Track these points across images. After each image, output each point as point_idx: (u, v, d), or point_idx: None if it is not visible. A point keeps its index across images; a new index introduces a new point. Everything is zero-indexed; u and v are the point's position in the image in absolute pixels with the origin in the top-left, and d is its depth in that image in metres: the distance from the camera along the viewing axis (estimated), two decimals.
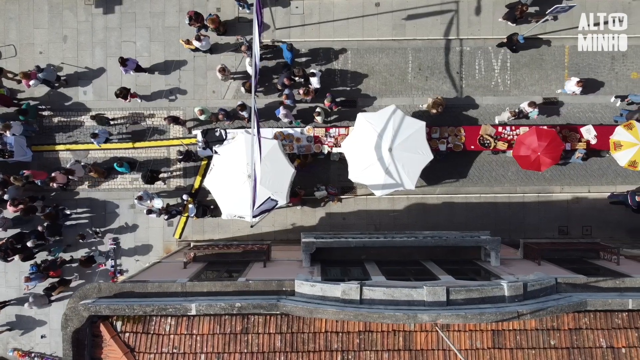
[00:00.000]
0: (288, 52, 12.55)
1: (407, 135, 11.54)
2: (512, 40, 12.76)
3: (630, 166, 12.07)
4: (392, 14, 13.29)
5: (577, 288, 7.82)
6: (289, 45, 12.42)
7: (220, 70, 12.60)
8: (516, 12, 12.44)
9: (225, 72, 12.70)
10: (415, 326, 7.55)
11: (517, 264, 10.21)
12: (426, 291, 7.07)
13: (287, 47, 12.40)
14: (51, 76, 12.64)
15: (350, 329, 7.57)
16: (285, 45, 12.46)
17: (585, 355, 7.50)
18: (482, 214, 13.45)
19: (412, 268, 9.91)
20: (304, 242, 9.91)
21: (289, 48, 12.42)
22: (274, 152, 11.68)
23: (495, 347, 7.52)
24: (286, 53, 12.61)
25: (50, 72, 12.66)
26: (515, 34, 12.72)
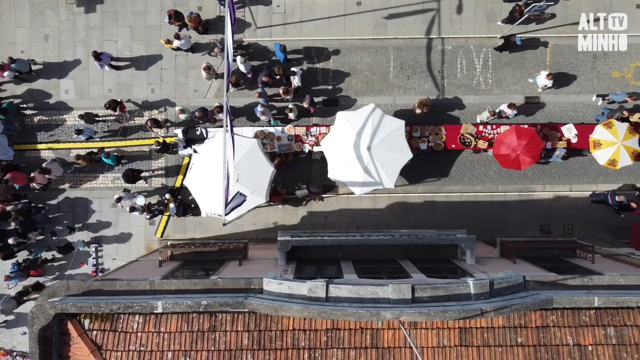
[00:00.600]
0: (281, 53, 12.56)
1: (386, 134, 11.56)
2: (509, 42, 12.76)
3: (610, 165, 12.09)
4: (374, 12, 13.30)
5: (545, 286, 7.83)
6: (282, 46, 12.40)
7: (205, 69, 12.59)
8: (515, 14, 12.47)
9: (210, 71, 12.69)
10: (383, 324, 7.56)
11: (493, 262, 10.21)
12: (391, 289, 7.08)
13: (280, 47, 12.38)
14: (24, 67, 12.61)
15: (317, 326, 7.57)
16: (279, 45, 12.44)
17: (552, 352, 7.50)
18: (464, 212, 13.45)
19: (387, 266, 9.91)
20: (280, 240, 9.92)
21: (282, 49, 12.40)
22: (253, 150, 11.67)
23: (463, 344, 7.53)
24: (279, 53, 12.62)
25: (22, 64, 12.61)
26: (513, 36, 12.73)
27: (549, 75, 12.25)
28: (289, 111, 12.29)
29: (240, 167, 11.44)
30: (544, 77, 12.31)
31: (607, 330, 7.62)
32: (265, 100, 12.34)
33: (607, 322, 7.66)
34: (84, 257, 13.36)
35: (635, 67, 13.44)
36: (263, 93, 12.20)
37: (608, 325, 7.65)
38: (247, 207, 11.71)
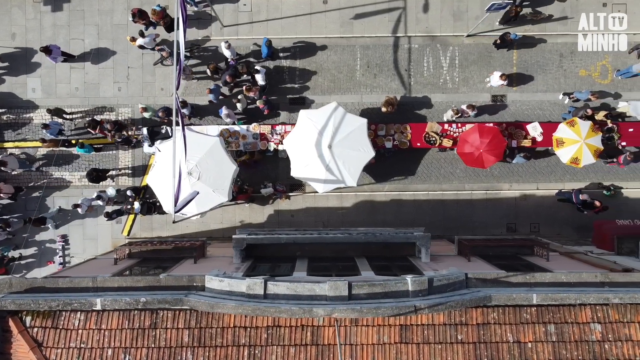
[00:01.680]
0: (266, 48, 12.56)
1: (348, 132, 11.56)
2: (506, 40, 12.75)
3: (573, 163, 12.10)
4: (340, 11, 13.31)
5: (488, 283, 7.84)
6: (267, 41, 12.40)
7: None
8: (510, 14, 12.48)
9: (185, 70, 12.63)
10: (324, 321, 7.57)
11: (449, 260, 10.22)
12: (328, 286, 7.09)
13: (266, 42, 12.40)
14: None
15: (258, 324, 7.58)
16: (265, 40, 12.45)
17: (491, 349, 7.52)
18: (430, 211, 13.47)
19: (342, 264, 9.91)
20: (234, 238, 9.94)
21: (267, 44, 12.40)
22: (215, 149, 11.65)
23: (403, 341, 7.54)
24: (264, 49, 12.62)
25: None
26: (507, 34, 12.71)
27: (502, 75, 12.24)
28: (237, 101, 12.29)
29: (201, 165, 11.45)
30: (497, 77, 12.31)
31: (547, 327, 7.64)
32: (215, 97, 12.32)
33: (548, 320, 7.68)
34: (50, 255, 13.37)
35: (602, 65, 13.45)
36: (214, 90, 12.20)
37: (549, 322, 7.66)
38: (210, 205, 11.76)
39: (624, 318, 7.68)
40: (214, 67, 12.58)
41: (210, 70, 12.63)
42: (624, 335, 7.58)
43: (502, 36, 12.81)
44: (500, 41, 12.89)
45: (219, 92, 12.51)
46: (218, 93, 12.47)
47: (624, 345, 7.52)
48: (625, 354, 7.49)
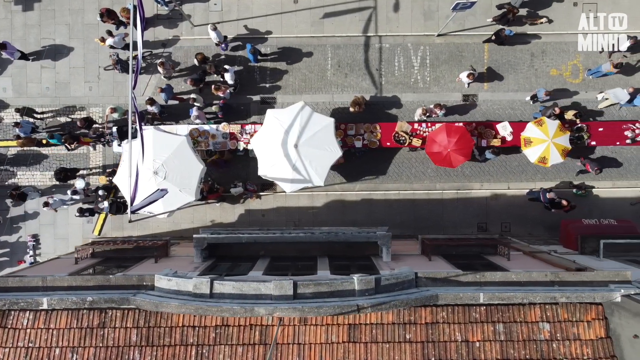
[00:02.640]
0: (251, 55, 12.50)
1: (314, 132, 11.57)
2: (500, 36, 12.72)
3: (540, 162, 12.11)
4: (311, 11, 13.31)
5: (437, 282, 7.83)
6: (252, 48, 12.35)
7: (160, 65, 12.55)
8: (508, 15, 12.48)
9: (165, 66, 12.64)
10: (273, 320, 7.58)
11: (410, 259, 10.23)
12: (273, 285, 7.09)
13: (250, 49, 12.34)
14: None
15: (207, 323, 7.58)
16: (249, 47, 12.40)
17: (439, 349, 7.52)
18: (401, 210, 13.47)
19: (302, 264, 9.91)
20: (195, 237, 9.95)
21: (252, 51, 12.35)
22: (182, 148, 11.68)
23: (351, 341, 7.54)
24: (250, 56, 12.56)
25: None
26: (502, 30, 12.68)
27: (470, 74, 12.24)
28: (193, 101, 12.29)
29: (168, 164, 11.47)
30: (465, 75, 12.32)
31: (496, 326, 7.64)
32: (166, 96, 12.28)
33: (497, 319, 7.68)
34: (22, 254, 13.37)
35: (573, 65, 13.46)
36: (166, 89, 12.30)
37: (498, 321, 7.66)
38: (177, 204, 11.77)
39: (573, 317, 7.68)
40: (202, 57, 12.52)
41: (198, 61, 12.57)
42: (572, 334, 7.58)
43: (496, 32, 12.77)
44: (495, 37, 12.85)
45: (171, 92, 12.50)
46: (170, 93, 12.47)
47: (571, 344, 7.52)
48: (573, 353, 7.50)
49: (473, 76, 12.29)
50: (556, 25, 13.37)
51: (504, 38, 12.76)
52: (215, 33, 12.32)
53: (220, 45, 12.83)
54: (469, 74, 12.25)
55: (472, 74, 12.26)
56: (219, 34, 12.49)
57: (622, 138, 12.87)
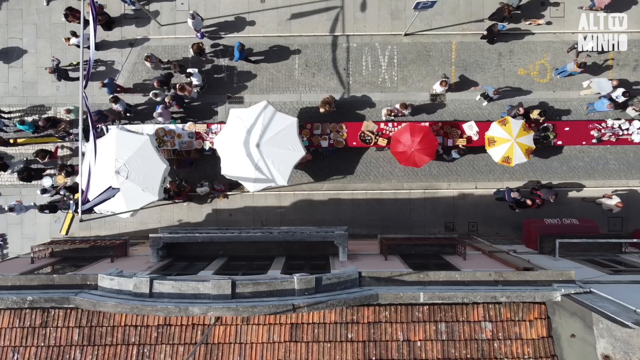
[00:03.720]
0: (238, 52, 12.42)
1: (277, 131, 11.56)
2: (492, 32, 12.69)
3: (504, 162, 12.11)
4: (277, 10, 13.30)
5: (381, 281, 7.83)
6: (240, 45, 12.31)
7: (147, 59, 12.46)
8: (504, 13, 12.43)
9: (151, 59, 12.56)
10: (216, 320, 7.58)
11: (367, 258, 10.24)
12: (211, 285, 7.09)
13: (238, 46, 12.29)
14: None
15: (149, 322, 7.59)
16: (238, 45, 12.37)
17: (380, 348, 7.52)
18: (368, 210, 13.47)
19: (257, 263, 9.92)
20: (151, 237, 9.94)
21: (239, 48, 12.30)
22: (145, 147, 11.66)
23: (292, 340, 7.55)
24: (236, 53, 12.48)
25: None
26: (495, 25, 12.62)
27: (443, 82, 12.24)
28: (155, 96, 12.28)
29: (130, 164, 11.46)
30: (439, 84, 12.31)
31: (438, 326, 7.65)
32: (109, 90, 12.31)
33: (439, 318, 7.69)
34: None
35: (541, 64, 13.46)
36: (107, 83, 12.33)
37: (440, 321, 7.67)
38: (140, 204, 11.77)
39: (516, 317, 7.69)
40: (198, 47, 12.49)
41: (194, 51, 12.58)
42: (514, 333, 7.59)
43: (489, 28, 12.75)
44: (488, 33, 12.82)
45: (113, 86, 12.46)
46: (113, 87, 12.44)
47: (513, 343, 7.53)
48: (514, 352, 7.50)
49: (446, 83, 12.29)
50: (523, 24, 13.36)
51: (497, 33, 12.72)
52: (194, 21, 12.31)
53: (197, 33, 12.77)
54: (441, 82, 12.25)
55: (444, 81, 12.26)
56: (198, 21, 12.47)
57: (589, 138, 12.87)
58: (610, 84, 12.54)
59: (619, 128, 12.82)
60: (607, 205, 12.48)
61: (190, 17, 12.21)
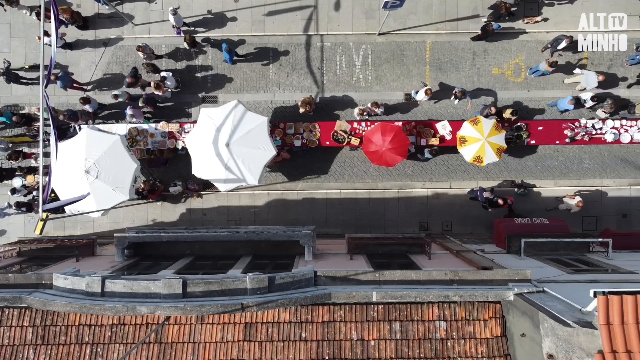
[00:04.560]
0: (227, 54, 12.41)
1: (247, 131, 11.55)
2: (487, 31, 12.65)
3: (476, 161, 12.10)
4: (251, 9, 13.30)
5: (337, 281, 7.82)
6: (227, 47, 12.28)
7: (140, 49, 12.43)
8: (501, 11, 12.37)
9: (145, 50, 12.54)
10: (170, 319, 7.58)
11: (332, 258, 10.22)
12: (162, 284, 7.09)
13: (225, 47, 12.26)
14: None
15: (104, 322, 7.60)
16: (225, 45, 12.35)
17: (333, 347, 7.52)
18: (342, 209, 13.47)
19: (223, 262, 9.91)
20: (116, 236, 9.93)
21: (227, 49, 12.27)
22: (116, 147, 11.66)
23: (246, 339, 7.55)
24: (226, 55, 12.46)
25: None
26: (490, 24, 12.60)
27: (427, 90, 12.21)
28: (115, 98, 12.29)
29: (100, 163, 11.46)
30: (423, 93, 12.29)
31: (392, 325, 7.65)
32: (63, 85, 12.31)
33: (394, 317, 7.69)
34: None
35: (515, 63, 13.45)
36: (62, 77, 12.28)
37: (395, 320, 7.67)
38: (110, 203, 11.76)
39: (470, 316, 7.69)
40: (190, 37, 12.46)
41: (187, 43, 12.58)
42: (468, 333, 7.59)
43: (483, 27, 12.70)
44: (482, 32, 12.78)
45: (67, 80, 12.43)
46: (67, 80, 12.40)
47: (467, 343, 7.53)
48: (467, 351, 7.50)
49: (430, 91, 12.25)
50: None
51: (491, 32, 12.67)
52: (175, 17, 12.30)
53: (176, 29, 12.78)
54: (426, 91, 12.22)
55: (429, 90, 12.22)
56: (179, 17, 12.47)
57: (562, 137, 12.86)
58: (597, 80, 12.47)
59: (593, 127, 12.81)
60: (568, 204, 12.48)
61: (171, 12, 12.19)
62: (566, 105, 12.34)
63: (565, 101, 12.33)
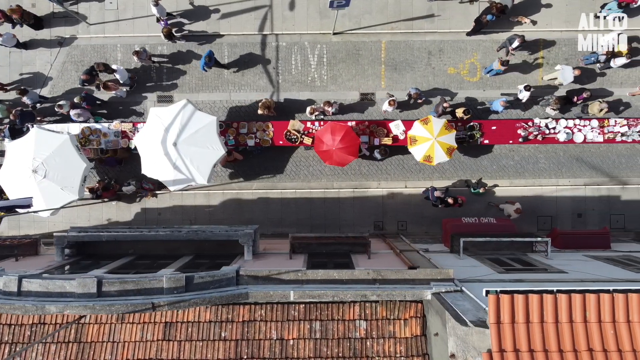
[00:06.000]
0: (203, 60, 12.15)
1: (195, 130, 11.55)
2: (481, 23, 12.57)
3: (426, 161, 12.09)
4: (206, 9, 13.27)
5: (259, 280, 7.83)
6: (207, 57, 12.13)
7: (135, 54, 12.39)
8: (492, 11, 12.26)
9: (140, 55, 12.48)
10: (90, 318, 7.59)
11: (274, 257, 10.21)
12: (76, 283, 7.09)
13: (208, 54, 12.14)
14: None
15: (24, 321, 7.62)
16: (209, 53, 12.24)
17: (252, 347, 7.53)
18: (297, 209, 13.47)
19: (162, 262, 9.90)
20: (55, 236, 9.94)
21: (207, 59, 12.13)
22: (65, 147, 11.66)
23: (165, 339, 7.57)
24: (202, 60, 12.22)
25: None
26: (483, 15, 12.48)
27: (391, 101, 12.19)
28: (59, 108, 12.29)
29: (48, 163, 11.47)
30: (387, 104, 12.28)
31: (313, 324, 7.66)
32: None
33: (314, 317, 7.71)
34: None
35: (471, 63, 13.44)
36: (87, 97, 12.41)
37: (315, 319, 7.69)
38: (59, 203, 11.76)
39: (392, 315, 7.70)
40: (168, 30, 12.40)
41: (164, 35, 12.47)
42: (387, 332, 7.61)
43: (477, 19, 12.64)
44: (475, 24, 12.71)
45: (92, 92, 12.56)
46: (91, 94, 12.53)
47: (386, 342, 7.55)
48: (386, 351, 7.51)
49: (394, 102, 12.23)
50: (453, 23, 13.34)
51: (485, 23, 12.57)
52: (157, 8, 12.27)
53: (160, 21, 12.75)
54: (389, 102, 12.19)
55: (393, 100, 12.20)
56: (161, 9, 12.43)
57: (516, 137, 12.85)
58: (572, 75, 12.45)
59: (546, 127, 12.80)
60: (507, 210, 12.48)
61: (153, 3, 12.14)
62: (498, 107, 12.34)
63: (497, 102, 12.33)
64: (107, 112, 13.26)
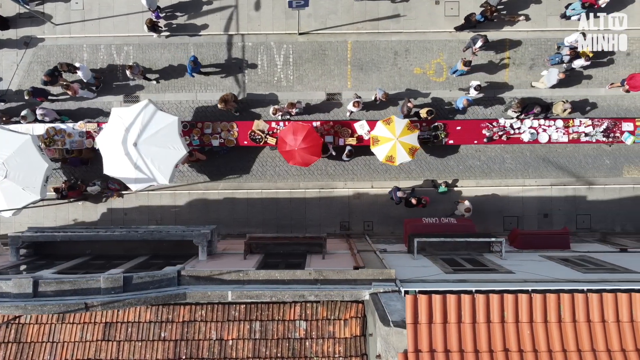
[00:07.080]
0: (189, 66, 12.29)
1: (156, 130, 11.54)
2: (470, 21, 12.58)
3: (388, 161, 12.09)
4: (173, 7, 13.28)
5: (201, 280, 7.84)
6: (192, 62, 12.23)
7: (128, 68, 12.31)
8: (486, 13, 12.28)
9: (133, 70, 12.42)
10: (31, 318, 7.59)
11: (229, 257, 10.22)
12: (12, 283, 7.10)
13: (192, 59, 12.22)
14: None
15: None
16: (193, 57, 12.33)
17: (191, 347, 7.54)
18: (263, 209, 13.47)
19: (116, 262, 9.90)
20: (10, 236, 9.95)
21: (192, 64, 12.23)
22: (26, 147, 11.64)
23: (105, 339, 7.57)
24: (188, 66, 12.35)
25: None
26: (473, 14, 12.49)
27: (355, 102, 12.17)
28: (23, 119, 12.33)
29: (9, 163, 11.47)
30: (352, 105, 12.25)
31: (253, 324, 7.67)
32: None
33: (255, 317, 7.71)
34: None
35: (437, 63, 13.45)
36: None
37: (255, 319, 7.70)
38: (21, 203, 11.76)
39: (332, 315, 7.71)
40: (150, 21, 12.36)
41: (147, 26, 12.43)
42: (327, 332, 7.61)
43: (467, 17, 12.62)
44: (465, 22, 12.71)
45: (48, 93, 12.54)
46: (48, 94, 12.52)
47: (325, 342, 7.55)
48: (325, 351, 7.52)
49: (359, 104, 12.24)
50: (419, 23, 13.36)
51: (475, 23, 12.58)
52: (147, 0, 12.26)
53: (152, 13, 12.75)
54: (354, 103, 12.19)
55: (357, 102, 12.19)
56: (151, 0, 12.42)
57: (480, 137, 12.86)
58: (557, 78, 12.45)
59: (511, 127, 12.81)
60: (459, 210, 12.50)
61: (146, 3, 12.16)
62: (461, 104, 12.36)
63: (460, 100, 12.36)
64: (74, 113, 13.24)
